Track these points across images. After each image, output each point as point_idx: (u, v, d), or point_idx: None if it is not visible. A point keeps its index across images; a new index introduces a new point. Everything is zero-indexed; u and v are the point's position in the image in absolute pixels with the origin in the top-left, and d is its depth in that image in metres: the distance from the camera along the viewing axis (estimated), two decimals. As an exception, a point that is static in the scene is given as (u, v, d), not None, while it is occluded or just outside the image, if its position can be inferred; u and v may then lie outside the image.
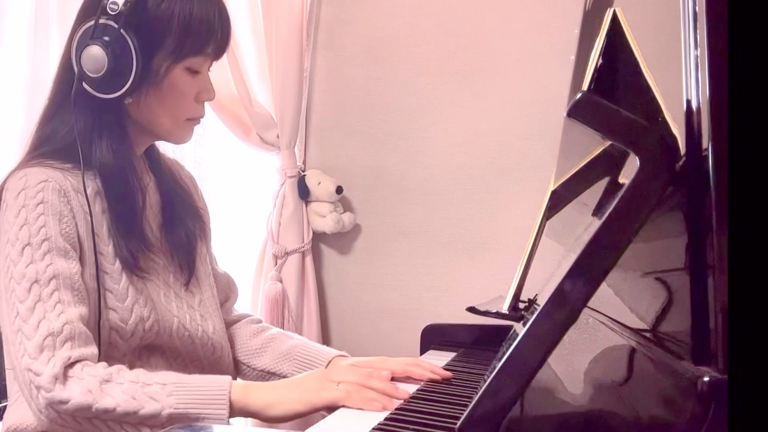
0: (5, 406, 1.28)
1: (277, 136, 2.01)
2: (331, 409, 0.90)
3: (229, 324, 1.26)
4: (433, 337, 1.41)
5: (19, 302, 0.92)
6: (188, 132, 1.11)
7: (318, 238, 2.07)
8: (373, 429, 0.78)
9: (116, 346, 1.01)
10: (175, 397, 0.89)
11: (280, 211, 2.02)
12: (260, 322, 1.29)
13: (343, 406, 0.89)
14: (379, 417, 0.84)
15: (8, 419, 1.05)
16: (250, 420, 2.03)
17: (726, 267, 0.44)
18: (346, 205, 2.06)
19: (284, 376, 1.16)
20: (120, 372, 0.92)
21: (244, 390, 0.92)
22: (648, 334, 0.58)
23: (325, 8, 2.08)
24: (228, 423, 0.89)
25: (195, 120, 1.10)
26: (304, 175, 2.03)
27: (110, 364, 0.94)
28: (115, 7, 0.97)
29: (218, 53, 1.08)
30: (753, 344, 0.42)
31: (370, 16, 2.04)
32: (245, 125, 2.03)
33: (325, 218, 2.00)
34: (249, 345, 1.23)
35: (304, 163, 2.09)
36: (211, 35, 1.04)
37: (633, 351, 0.59)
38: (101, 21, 0.98)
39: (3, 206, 0.99)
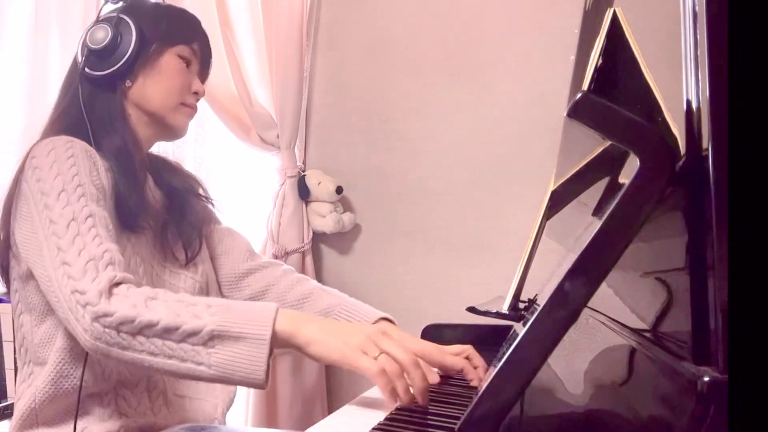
0: (5, 406, 1.28)
1: (277, 136, 2.01)
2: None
3: (259, 269, 1.27)
4: (433, 337, 1.41)
5: (58, 238, 0.96)
6: (183, 119, 1.19)
7: (318, 238, 2.07)
8: (373, 429, 0.78)
9: None
10: (219, 316, 0.88)
11: (280, 211, 2.02)
12: (294, 272, 1.30)
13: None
14: (379, 417, 0.84)
15: (20, 404, 1.05)
16: (250, 420, 2.03)
17: (726, 267, 0.44)
18: (346, 205, 2.06)
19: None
20: (166, 292, 0.93)
21: (292, 321, 0.89)
22: (648, 334, 0.58)
23: (325, 8, 2.08)
24: (270, 348, 0.86)
25: (189, 107, 1.19)
26: (304, 175, 2.03)
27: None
28: None
29: (204, 61, 1.21)
30: (753, 344, 0.42)
31: (370, 16, 2.04)
32: (245, 125, 2.03)
33: (325, 218, 2.00)
34: (285, 298, 1.23)
35: (304, 163, 2.09)
36: (197, 33, 1.21)
37: (633, 351, 0.59)
38: (107, 7, 1.15)
39: (30, 173, 1.03)
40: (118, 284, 0.92)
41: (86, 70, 1.12)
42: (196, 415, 1.13)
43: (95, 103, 1.12)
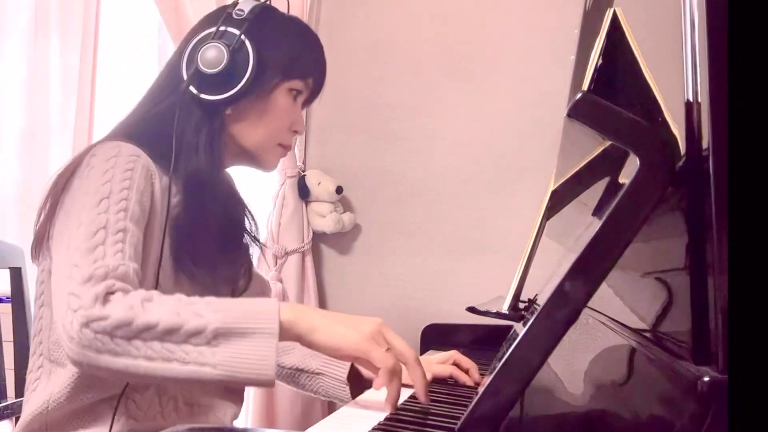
0: (5, 406, 1.28)
1: (277, 136, 2.01)
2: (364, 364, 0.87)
3: None
4: (433, 337, 1.41)
5: (81, 241, 0.89)
6: (277, 158, 1.12)
7: (318, 238, 2.07)
8: (373, 429, 0.78)
9: None
10: (222, 314, 0.82)
11: (280, 211, 2.02)
12: None
13: (370, 369, 0.85)
14: (379, 417, 0.84)
15: (27, 407, 1.02)
16: (250, 420, 2.03)
17: (726, 267, 0.44)
18: (346, 205, 2.06)
19: (313, 372, 1.14)
20: (161, 295, 0.87)
21: (292, 311, 0.86)
22: (648, 334, 0.58)
23: (325, 8, 2.07)
24: (277, 342, 0.82)
25: (285, 148, 1.12)
26: (304, 175, 2.03)
27: None
28: (241, 13, 1.03)
29: (313, 93, 1.13)
30: (753, 344, 0.42)
31: (370, 16, 2.04)
32: (245, 125, 2.03)
33: (325, 218, 2.00)
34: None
35: (304, 163, 2.08)
36: (318, 66, 1.11)
37: (633, 351, 0.59)
38: (224, 27, 1.02)
39: (85, 170, 0.97)
40: (115, 291, 0.86)
41: (190, 88, 1.02)
42: (206, 420, 1.11)
43: (187, 123, 1.04)
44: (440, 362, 1.09)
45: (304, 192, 2.02)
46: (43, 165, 2.12)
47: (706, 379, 0.42)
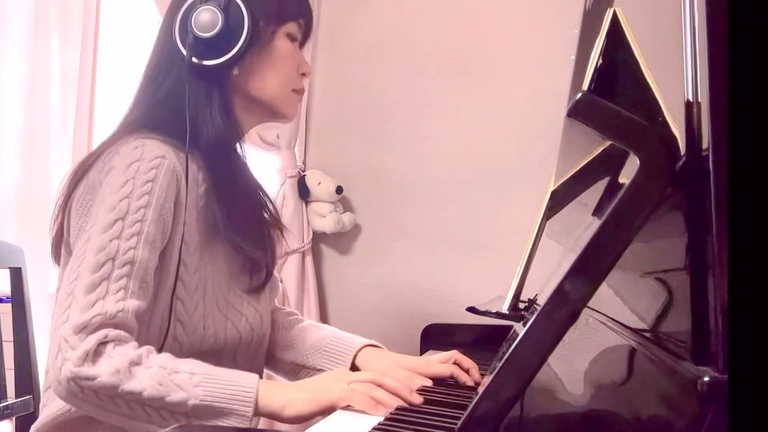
0: (5, 406, 1.28)
1: (277, 136, 2.01)
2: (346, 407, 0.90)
3: (276, 315, 1.25)
4: (433, 337, 1.41)
5: (86, 271, 0.90)
6: (295, 105, 1.12)
7: (318, 238, 2.07)
8: (373, 429, 0.78)
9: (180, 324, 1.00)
10: (202, 389, 0.87)
11: (280, 211, 2.02)
12: (294, 314, 1.27)
13: (348, 406, 0.88)
14: (379, 417, 0.84)
15: (46, 411, 1.03)
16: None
17: (726, 267, 0.44)
18: (346, 205, 2.06)
19: (314, 368, 1.16)
20: (149, 355, 0.89)
21: (268, 389, 0.90)
22: (648, 335, 0.58)
23: (325, 8, 2.07)
24: (250, 422, 0.87)
25: (299, 93, 1.11)
26: (304, 175, 2.03)
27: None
28: None
29: (306, 30, 1.12)
30: (753, 344, 0.42)
31: (370, 16, 2.04)
32: (245, 125, 2.03)
33: (325, 218, 2.00)
34: (279, 338, 1.21)
35: (304, 163, 2.08)
36: (303, 5, 1.10)
37: (633, 351, 0.59)
38: None
39: (106, 168, 0.96)
40: (107, 343, 0.88)
41: (193, 60, 0.99)
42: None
43: (197, 95, 1.02)
44: (441, 362, 1.09)
45: (304, 192, 2.02)
46: (43, 165, 2.11)
47: (706, 379, 0.42)
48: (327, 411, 0.89)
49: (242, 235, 1.05)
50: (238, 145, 1.09)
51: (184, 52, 1.01)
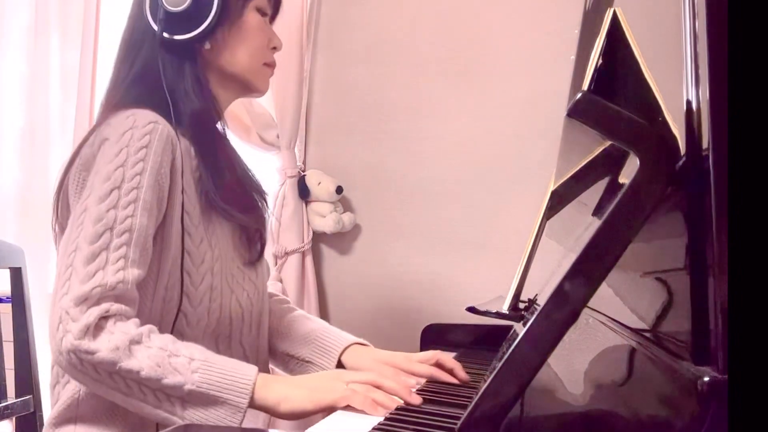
0: (5, 406, 1.28)
1: (277, 136, 2.01)
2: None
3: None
4: (433, 337, 1.41)
5: (85, 242, 0.91)
6: (266, 79, 1.13)
7: (318, 238, 2.07)
8: (373, 429, 0.78)
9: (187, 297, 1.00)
10: (199, 375, 0.87)
11: (280, 211, 2.02)
12: (287, 302, 1.28)
13: (348, 406, 0.88)
14: (380, 417, 0.84)
15: (58, 405, 1.03)
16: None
17: (726, 267, 0.44)
18: (346, 205, 2.06)
19: (303, 360, 1.16)
20: (150, 335, 0.90)
21: (266, 383, 0.90)
22: (648, 334, 0.58)
23: (325, 8, 2.07)
24: (243, 414, 0.87)
25: (270, 66, 1.13)
26: (304, 175, 2.03)
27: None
28: None
29: (276, 5, 1.13)
30: (753, 344, 0.42)
31: (370, 16, 2.04)
32: (245, 125, 2.03)
33: (325, 218, 2.00)
34: (272, 325, 1.22)
35: (304, 163, 2.08)
36: None
37: (633, 351, 0.59)
38: None
39: (98, 141, 0.96)
40: (108, 317, 0.89)
41: (164, 35, 1.01)
42: None
43: (170, 70, 1.03)
44: (421, 361, 1.08)
45: (304, 192, 2.02)
46: (43, 165, 2.12)
47: (706, 379, 0.42)
48: (326, 411, 0.89)
49: (233, 206, 1.05)
50: (218, 123, 1.10)
51: (155, 27, 1.02)
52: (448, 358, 1.10)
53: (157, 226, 0.97)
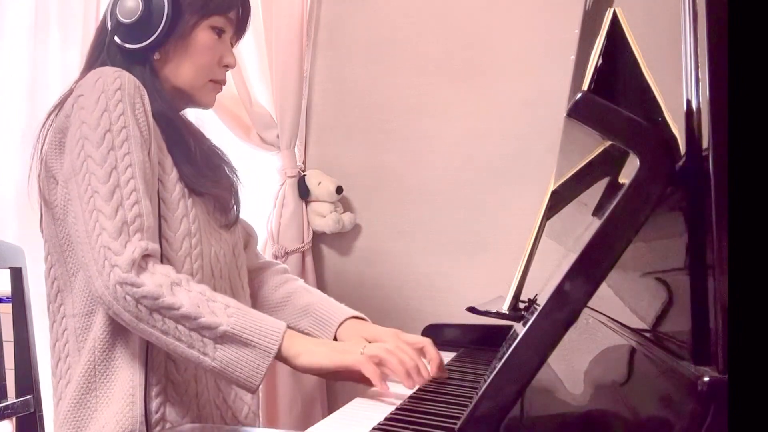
0: (5, 406, 1.28)
1: (277, 136, 2.01)
2: (353, 375, 0.96)
3: (257, 270, 1.30)
4: (433, 337, 1.41)
5: (99, 183, 0.96)
6: (211, 94, 1.19)
7: (318, 238, 2.07)
8: (373, 429, 0.78)
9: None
10: (234, 319, 0.94)
11: (280, 211, 2.02)
12: (286, 271, 1.33)
13: (360, 371, 0.94)
14: (379, 417, 0.84)
15: (65, 398, 1.05)
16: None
17: (726, 267, 0.44)
18: (346, 205, 2.06)
19: (301, 332, 1.19)
20: (189, 281, 0.97)
21: (291, 335, 0.97)
22: (648, 334, 0.58)
23: (325, 8, 2.07)
24: (273, 357, 0.94)
25: (217, 84, 1.18)
26: (304, 175, 2.03)
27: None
28: None
29: (240, 26, 1.18)
30: (753, 344, 0.42)
31: (370, 16, 2.04)
32: (245, 125, 2.03)
33: (325, 218, 2.00)
34: (271, 298, 1.27)
35: (304, 163, 2.08)
36: (234, 1, 1.16)
37: (633, 351, 0.59)
38: None
39: (71, 103, 1.02)
40: (146, 257, 0.95)
41: (116, 39, 1.10)
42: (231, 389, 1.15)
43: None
44: (411, 344, 1.08)
45: (304, 192, 2.02)
46: (43, 165, 2.11)
47: (706, 379, 0.42)
48: (338, 373, 0.96)
49: (204, 177, 1.12)
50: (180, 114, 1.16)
51: (108, 33, 1.11)
52: (433, 348, 1.09)
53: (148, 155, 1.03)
